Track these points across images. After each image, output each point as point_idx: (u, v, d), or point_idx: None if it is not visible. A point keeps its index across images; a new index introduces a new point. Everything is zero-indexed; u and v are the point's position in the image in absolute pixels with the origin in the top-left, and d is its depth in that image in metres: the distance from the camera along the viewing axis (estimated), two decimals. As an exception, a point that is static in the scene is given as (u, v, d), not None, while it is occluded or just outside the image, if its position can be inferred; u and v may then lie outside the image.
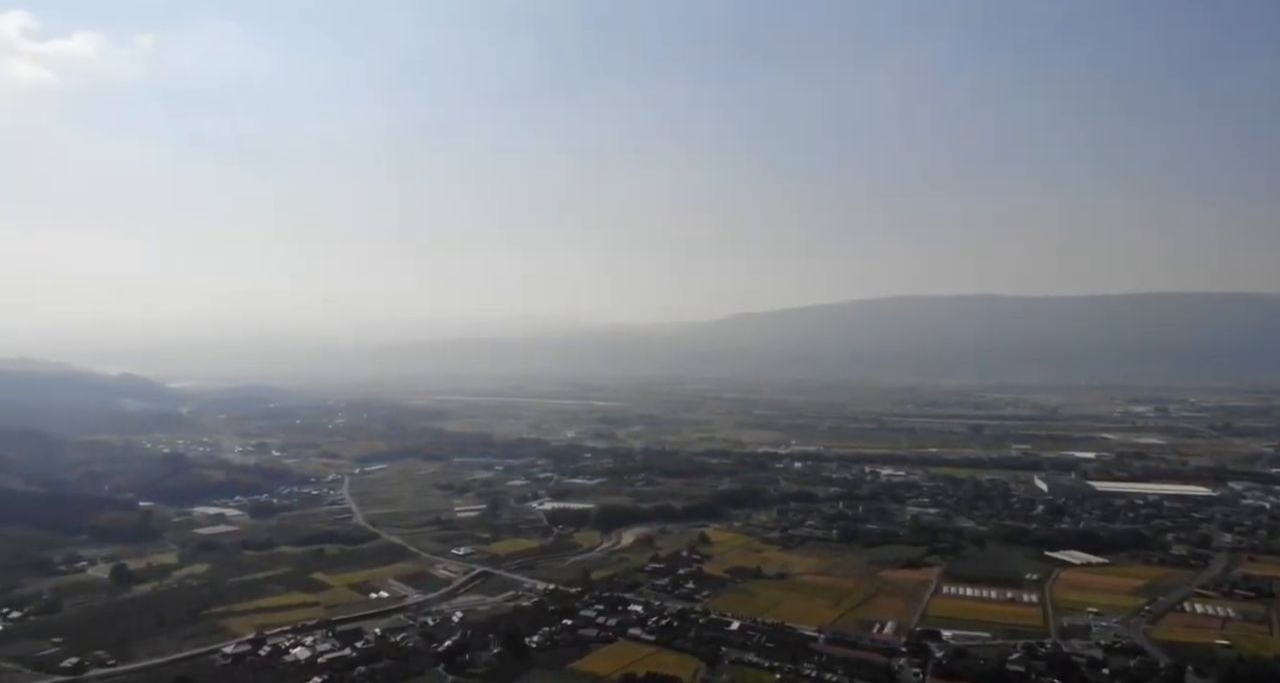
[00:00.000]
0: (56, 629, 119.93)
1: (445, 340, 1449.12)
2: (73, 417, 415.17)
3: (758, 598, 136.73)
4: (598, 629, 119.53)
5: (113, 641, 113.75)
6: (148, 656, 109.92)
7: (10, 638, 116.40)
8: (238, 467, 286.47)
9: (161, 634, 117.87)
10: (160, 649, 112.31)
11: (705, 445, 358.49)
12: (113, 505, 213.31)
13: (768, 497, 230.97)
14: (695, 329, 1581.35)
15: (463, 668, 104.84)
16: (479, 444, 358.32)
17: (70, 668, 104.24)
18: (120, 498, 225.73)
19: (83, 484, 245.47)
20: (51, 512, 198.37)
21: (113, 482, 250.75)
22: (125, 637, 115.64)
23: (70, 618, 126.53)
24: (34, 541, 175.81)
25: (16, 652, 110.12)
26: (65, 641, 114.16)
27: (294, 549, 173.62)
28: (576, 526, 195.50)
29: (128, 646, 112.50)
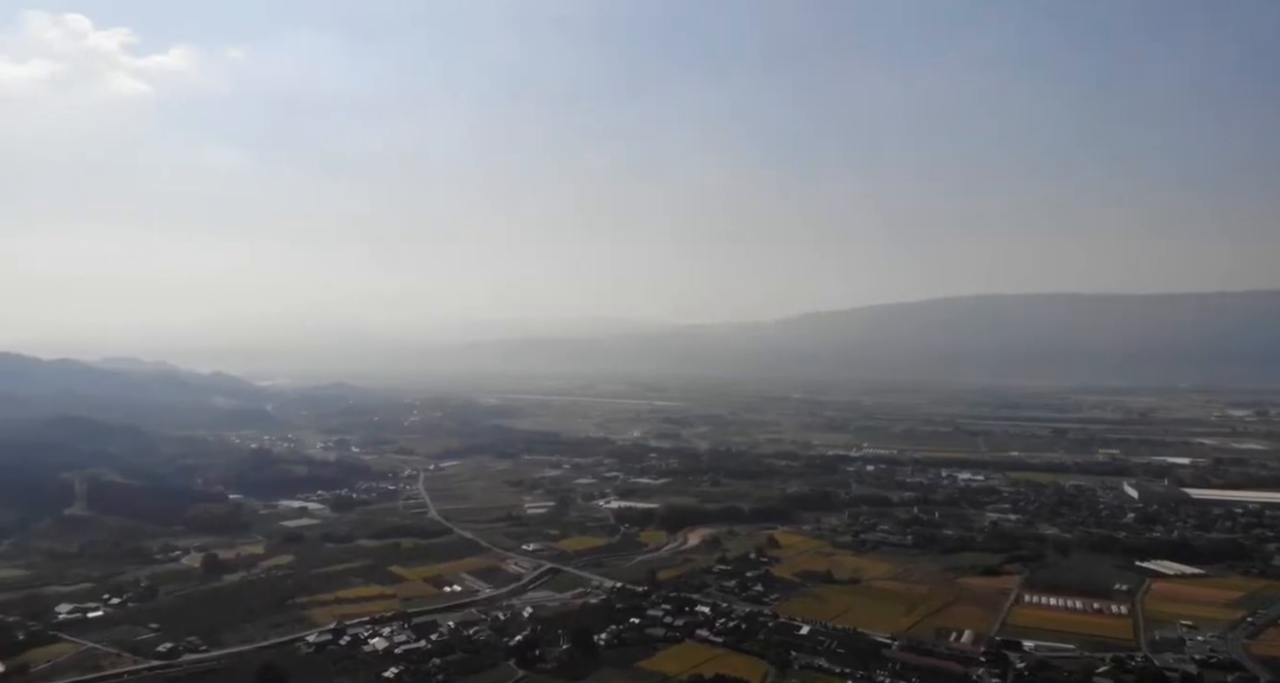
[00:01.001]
0: (153, 615, 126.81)
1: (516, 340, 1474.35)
2: (169, 413, 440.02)
3: (828, 603, 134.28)
4: (665, 629, 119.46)
5: (204, 627, 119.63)
6: (236, 643, 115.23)
7: (111, 623, 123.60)
8: (319, 462, 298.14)
9: (249, 622, 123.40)
10: (248, 637, 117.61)
11: (773, 447, 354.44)
12: (205, 498, 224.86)
13: (838, 500, 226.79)
14: (762, 329, 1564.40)
15: (533, 663, 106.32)
16: (547, 442, 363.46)
17: (165, 653, 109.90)
18: (212, 491, 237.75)
19: (178, 477, 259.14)
20: (149, 503, 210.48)
21: (205, 475, 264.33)
22: (216, 624, 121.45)
23: (165, 605, 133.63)
24: (133, 530, 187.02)
25: (117, 636, 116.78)
26: (161, 626, 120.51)
27: (372, 542, 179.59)
28: (642, 525, 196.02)
29: (218, 632, 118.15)
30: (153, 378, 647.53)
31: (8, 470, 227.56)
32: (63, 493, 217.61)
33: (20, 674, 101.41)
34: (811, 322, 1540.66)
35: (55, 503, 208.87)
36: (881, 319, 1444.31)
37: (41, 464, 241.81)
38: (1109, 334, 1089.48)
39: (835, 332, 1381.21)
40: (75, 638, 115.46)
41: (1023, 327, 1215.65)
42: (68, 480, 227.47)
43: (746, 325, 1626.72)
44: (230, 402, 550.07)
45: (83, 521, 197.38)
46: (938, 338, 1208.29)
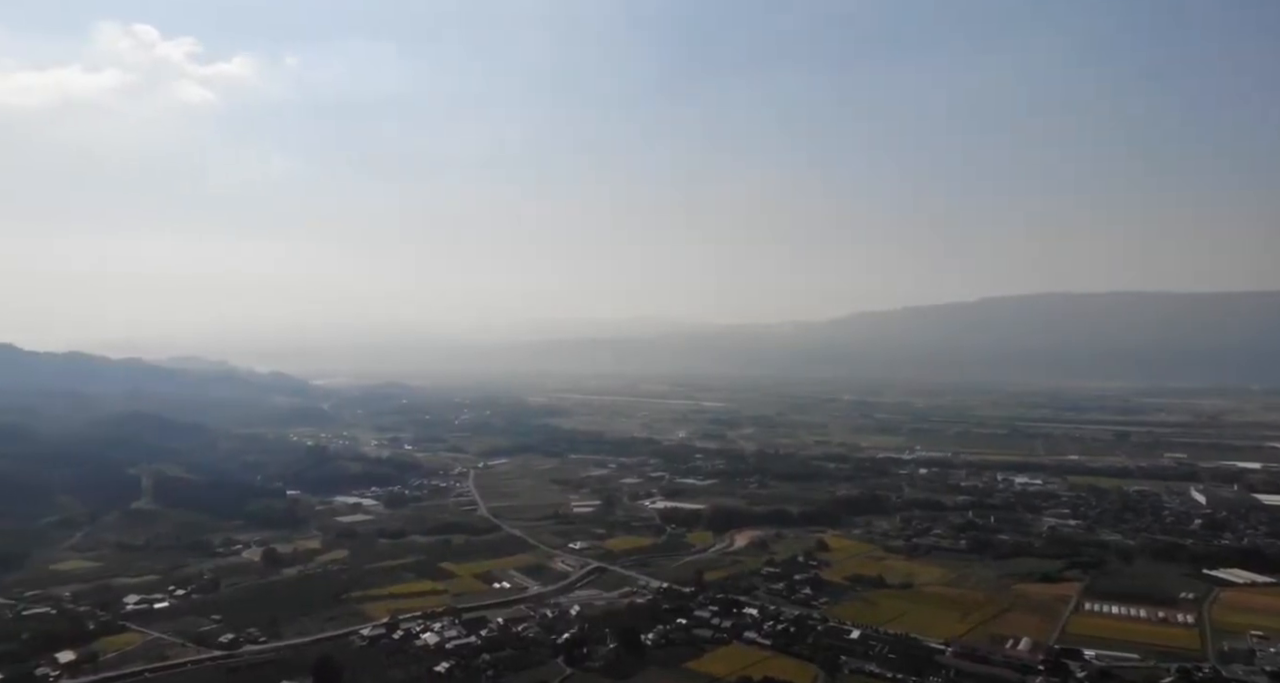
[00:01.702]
0: (215, 607, 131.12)
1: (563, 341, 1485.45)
2: (230, 410, 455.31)
3: (879, 607, 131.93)
4: (712, 630, 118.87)
5: (264, 619, 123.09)
6: (294, 635, 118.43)
7: (177, 613, 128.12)
8: (373, 459, 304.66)
9: (306, 615, 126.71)
10: (305, 629, 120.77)
11: (822, 449, 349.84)
12: (264, 494, 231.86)
13: (890, 504, 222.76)
14: (812, 329, 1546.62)
15: (580, 661, 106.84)
16: (593, 442, 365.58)
17: (226, 643, 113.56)
18: (271, 487, 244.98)
19: (239, 473, 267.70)
20: (211, 498, 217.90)
21: (264, 472, 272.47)
22: (275, 616, 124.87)
23: (227, 597, 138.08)
24: (196, 524, 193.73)
25: (181, 626, 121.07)
26: (223, 618, 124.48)
27: (424, 539, 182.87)
28: (688, 525, 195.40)
29: (277, 624, 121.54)
30: (214, 377, 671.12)
31: (80, 465, 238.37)
32: (130, 487, 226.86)
33: (90, 662, 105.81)
34: (861, 322, 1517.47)
35: (123, 497, 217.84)
36: (933, 319, 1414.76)
37: (110, 460, 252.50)
38: (1175, 334, 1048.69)
39: (885, 332, 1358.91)
40: (142, 628, 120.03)
41: (1081, 326, 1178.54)
42: (135, 475, 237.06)
43: (794, 325, 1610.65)
44: (288, 400, 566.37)
45: (149, 514, 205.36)
46: (992, 338, 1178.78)
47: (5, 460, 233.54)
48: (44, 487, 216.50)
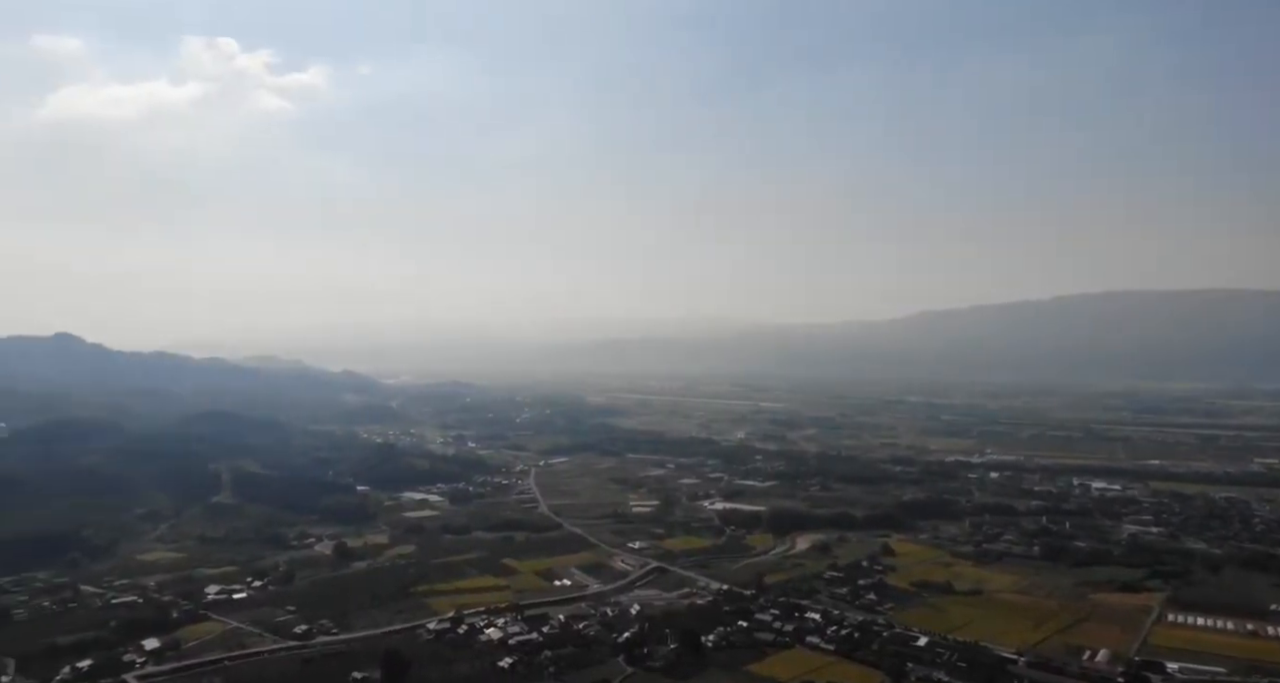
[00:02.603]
0: (290, 598, 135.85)
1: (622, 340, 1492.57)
2: (304, 408, 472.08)
3: (947, 614, 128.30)
4: (774, 634, 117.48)
5: (336, 611, 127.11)
6: (364, 627, 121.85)
7: (254, 604, 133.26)
8: (439, 456, 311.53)
9: (375, 608, 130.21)
10: (374, 621, 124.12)
11: (887, 452, 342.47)
12: (336, 489, 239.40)
13: (958, 508, 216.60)
14: (876, 328, 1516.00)
15: (641, 661, 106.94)
16: (651, 442, 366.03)
17: (300, 634, 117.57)
18: (342, 483, 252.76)
19: (312, 469, 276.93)
20: (286, 493, 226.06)
21: (336, 468, 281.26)
22: (345, 608, 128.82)
23: (301, 589, 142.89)
24: (272, 518, 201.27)
25: (258, 617, 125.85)
26: (297, 609, 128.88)
27: (487, 535, 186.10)
28: (748, 527, 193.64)
29: (348, 616, 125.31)
30: (289, 375, 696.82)
31: (164, 460, 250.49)
32: (211, 482, 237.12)
33: (174, 650, 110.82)
34: (928, 321, 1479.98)
35: (204, 491, 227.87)
36: (1003, 318, 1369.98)
37: (193, 455, 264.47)
38: (1265, 333, 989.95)
39: (954, 331, 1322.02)
40: (222, 617, 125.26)
41: (1163, 325, 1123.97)
42: (215, 470, 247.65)
43: (857, 325, 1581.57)
44: (358, 398, 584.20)
45: (228, 508, 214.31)
46: (1067, 337, 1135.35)
47: (97, 456, 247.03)
48: (132, 481, 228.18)
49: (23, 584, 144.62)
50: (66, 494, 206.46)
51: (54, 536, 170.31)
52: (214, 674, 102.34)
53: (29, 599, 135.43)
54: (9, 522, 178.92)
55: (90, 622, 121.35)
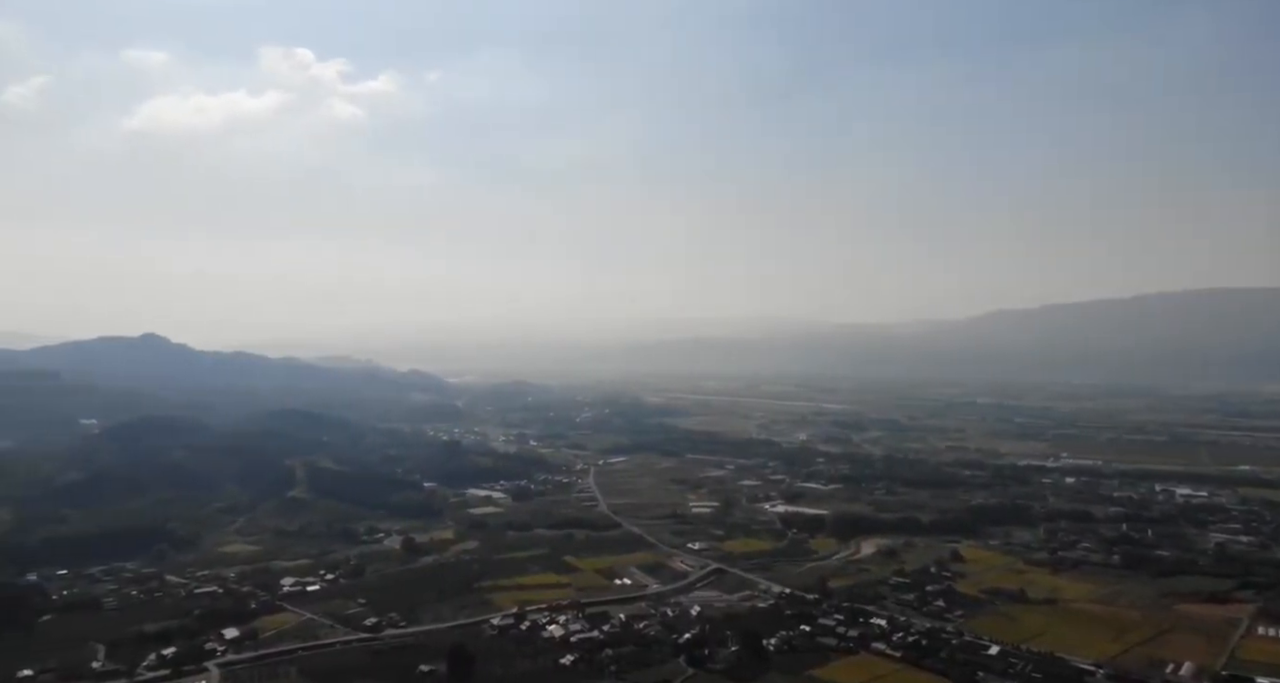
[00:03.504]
0: (360, 591, 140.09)
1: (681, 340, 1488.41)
2: (373, 406, 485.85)
3: (1020, 623, 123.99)
4: (838, 639, 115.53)
5: (404, 605, 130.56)
6: (430, 620, 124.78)
7: (326, 597, 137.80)
8: (501, 454, 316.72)
9: (441, 602, 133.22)
10: (440, 616, 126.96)
11: (955, 455, 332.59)
12: (404, 485, 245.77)
13: (1032, 514, 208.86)
14: (945, 328, 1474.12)
15: (702, 662, 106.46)
16: (711, 442, 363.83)
17: (370, 626, 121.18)
18: (410, 479, 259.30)
19: (381, 466, 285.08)
20: (357, 489, 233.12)
21: (404, 465, 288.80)
22: (413, 602, 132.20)
23: (370, 582, 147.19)
24: (343, 513, 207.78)
25: (330, 609, 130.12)
26: (367, 602, 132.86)
27: (548, 532, 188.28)
28: (810, 531, 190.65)
29: (415, 610, 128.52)
30: (359, 374, 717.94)
31: (243, 456, 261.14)
32: (286, 477, 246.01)
33: (252, 639, 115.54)
34: (999, 320, 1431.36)
35: (280, 486, 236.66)
36: (1080, 317, 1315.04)
37: (269, 451, 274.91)
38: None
39: (1027, 331, 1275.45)
40: (296, 609, 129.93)
41: (1254, 324, 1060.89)
42: (290, 466, 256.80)
43: (925, 324, 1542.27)
44: (425, 397, 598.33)
45: (302, 503, 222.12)
46: (1148, 337, 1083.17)
47: (180, 451, 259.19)
48: (212, 476, 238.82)
49: (113, 574, 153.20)
50: (153, 488, 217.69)
51: (142, 528, 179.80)
52: (289, 664, 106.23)
53: (119, 588, 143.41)
54: (102, 515, 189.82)
55: (174, 611, 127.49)
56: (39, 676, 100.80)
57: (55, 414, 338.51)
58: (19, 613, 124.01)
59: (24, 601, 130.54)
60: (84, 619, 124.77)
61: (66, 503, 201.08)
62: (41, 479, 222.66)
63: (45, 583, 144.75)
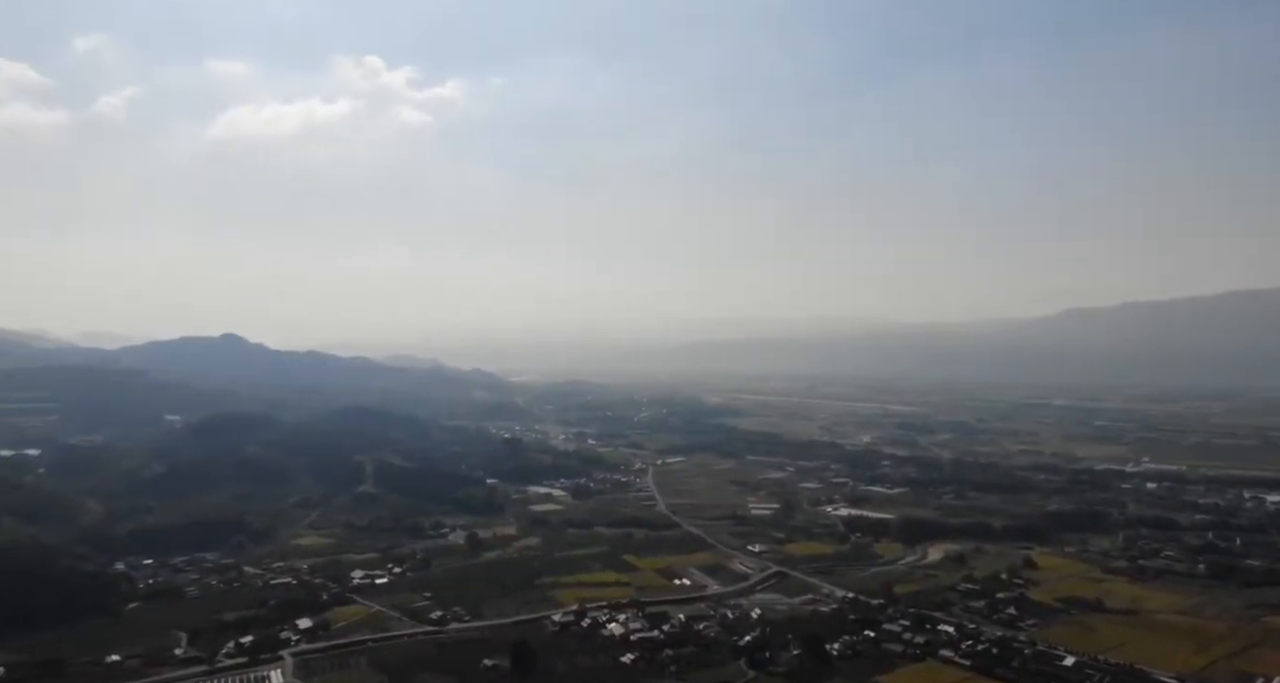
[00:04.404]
0: (426, 585, 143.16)
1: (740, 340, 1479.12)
2: (438, 404, 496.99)
3: (1098, 634, 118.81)
4: (904, 645, 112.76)
5: (468, 599, 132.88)
6: (493, 615, 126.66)
7: (394, 589, 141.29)
8: (561, 452, 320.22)
9: (504, 597, 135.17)
10: (503, 611, 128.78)
11: (1028, 459, 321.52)
12: (468, 481, 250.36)
13: (1110, 521, 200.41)
14: (1018, 327, 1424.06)
15: (763, 665, 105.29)
16: (770, 443, 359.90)
17: (436, 620, 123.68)
18: (473, 475, 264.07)
19: (446, 462, 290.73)
20: (423, 484, 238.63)
21: (468, 461, 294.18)
22: (477, 597, 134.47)
23: (437, 576, 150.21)
24: (410, 508, 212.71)
25: (397, 601, 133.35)
26: (433, 595, 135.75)
27: (607, 530, 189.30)
28: (875, 535, 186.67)
29: (479, 605, 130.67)
30: (425, 373, 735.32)
31: (315, 451, 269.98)
32: (356, 472, 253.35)
33: (324, 630, 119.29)
34: (1076, 319, 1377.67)
35: (351, 481, 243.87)
36: (1160, 316, 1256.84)
37: (339, 447, 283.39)
38: None
39: (1103, 330, 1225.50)
40: (366, 601, 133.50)
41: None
42: (360, 462, 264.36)
43: (995, 323, 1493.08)
44: (487, 395, 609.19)
45: (371, 497, 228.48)
46: (1236, 337, 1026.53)
47: (257, 447, 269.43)
48: (287, 470, 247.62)
49: (195, 564, 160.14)
50: (231, 482, 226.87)
51: (221, 520, 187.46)
52: (359, 655, 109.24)
53: (200, 578, 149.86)
54: (184, 507, 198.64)
55: (251, 600, 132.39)
56: (126, 661, 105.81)
57: (142, 410, 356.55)
58: (109, 600, 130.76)
59: (113, 588, 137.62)
60: (167, 607, 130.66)
61: (151, 495, 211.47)
62: (128, 472, 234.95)
63: (132, 572, 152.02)
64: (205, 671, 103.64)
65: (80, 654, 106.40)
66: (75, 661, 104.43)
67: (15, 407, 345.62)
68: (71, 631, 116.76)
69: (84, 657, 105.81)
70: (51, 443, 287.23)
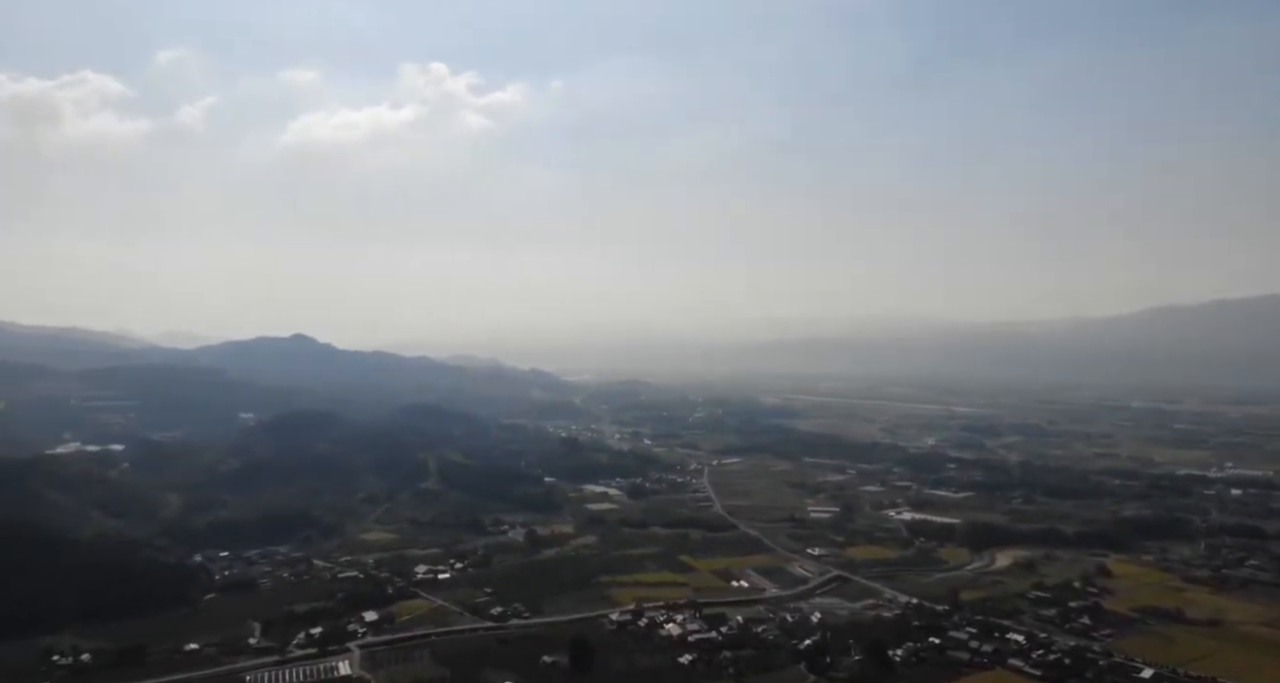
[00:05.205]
0: (487, 581, 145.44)
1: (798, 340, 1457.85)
2: (497, 403, 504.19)
3: (1178, 645, 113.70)
4: (970, 654, 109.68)
5: (527, 595, 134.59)
6: (552, 612, 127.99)
7: (455, 585, 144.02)
8: (616, 451, 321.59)
9: (562, 595, 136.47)
10: (561, 608, 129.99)
11: (1104, 463, 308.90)
12: (526, 480, 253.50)
13: (1192, 528, 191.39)
14: (1091, 326, 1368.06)
15: (824, 670, 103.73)
16: (829, 445, 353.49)
17: (496, 616, 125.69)
18: (531, 473, 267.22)
19: (505, 460, 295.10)
20: (483, 482, 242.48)
21: (526, 459, 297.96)
22: (536, 593, 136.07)
23: (497, 573, 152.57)
24: (471, 505, 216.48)
25: (459, 597, 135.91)
26: (493, 591, 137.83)
27: (663, 530, 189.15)
28: (940, 540, 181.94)
29: (538, 601, 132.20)
30: (485, 372, 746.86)
31: (380, 449, 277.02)
32: (419, 469, 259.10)
33: (389, 623, 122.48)
34: (1158, 318, 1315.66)
35: (414, 478, 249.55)
36: (1251, 314, 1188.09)
37: (404, 445, 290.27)
38: None
39: (1186, 330, 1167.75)
40: (429, 596, 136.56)
41: None
42: (423, 459, 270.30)
43: (1070, 322, 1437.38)
44: (544, 394, 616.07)
45: (433, 494, 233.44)
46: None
47: (325, 444, 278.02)
48: (353, 467, 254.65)
49: (267, 557, 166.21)
50: (301, 478, 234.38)
51: (292, 515, 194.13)
52: (423, 649, 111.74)
53: (272, 570, 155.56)
54: (257, 501, 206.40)
55: (321, 593, 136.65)
56: (203, 649, 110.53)
57: (218, 408, 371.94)
58: (188, 591, 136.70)
59: (192, 580, 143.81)
60: (242, 598, 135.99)
61: (227, 490, 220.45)
62: (206, 468, 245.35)
63: (209, 564, 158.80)
64: (278, 660, 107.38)
65: (160, 643, 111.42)
66: (156, 649, 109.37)
67: (101, 404, 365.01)
68: (152, 620, 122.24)
69: (164, 645, 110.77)
70: (134, 439, 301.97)
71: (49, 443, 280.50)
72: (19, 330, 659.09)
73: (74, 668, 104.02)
